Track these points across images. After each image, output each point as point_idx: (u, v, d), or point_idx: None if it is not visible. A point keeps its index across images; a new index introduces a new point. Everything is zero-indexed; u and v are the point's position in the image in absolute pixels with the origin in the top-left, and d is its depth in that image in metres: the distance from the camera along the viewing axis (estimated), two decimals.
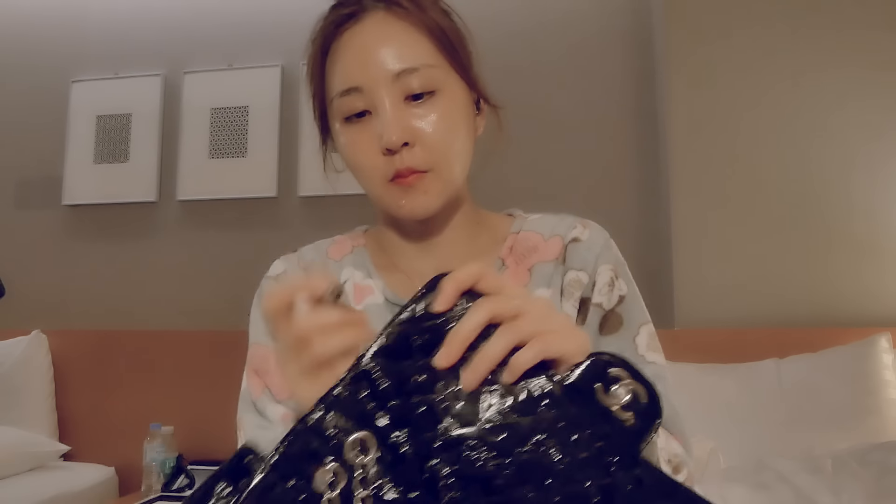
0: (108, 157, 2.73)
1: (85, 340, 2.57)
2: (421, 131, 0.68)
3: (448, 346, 0.45)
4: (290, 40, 2.61)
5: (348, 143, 0.71)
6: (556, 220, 0.79)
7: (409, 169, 0.68)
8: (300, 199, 2.61)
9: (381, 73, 0.68)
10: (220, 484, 0.42)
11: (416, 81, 0.68)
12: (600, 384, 0.44)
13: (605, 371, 0.45)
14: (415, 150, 0.68)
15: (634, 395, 0.44)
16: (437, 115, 0.69)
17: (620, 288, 0.75)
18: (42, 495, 2.00)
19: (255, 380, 0.77)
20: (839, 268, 2.16)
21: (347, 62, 0.69)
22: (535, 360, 0.44)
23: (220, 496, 0.42)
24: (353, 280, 0.79)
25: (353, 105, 0.69)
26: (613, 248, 0.77)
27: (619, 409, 0.44)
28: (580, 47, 2.51)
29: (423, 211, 0.70)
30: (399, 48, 0.68)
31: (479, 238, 0.79)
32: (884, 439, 1.65)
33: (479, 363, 0.44)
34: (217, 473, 0.43)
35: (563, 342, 0.45)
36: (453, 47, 0.71)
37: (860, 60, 2.23)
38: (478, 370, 0.44)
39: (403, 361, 0.45)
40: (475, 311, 0.45)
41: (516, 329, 0.45)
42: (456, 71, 0.72)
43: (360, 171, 0.71)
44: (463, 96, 0.73)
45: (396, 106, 0.68)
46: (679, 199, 2.27)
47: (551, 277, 0.75)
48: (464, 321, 0.45)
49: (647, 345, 0.74)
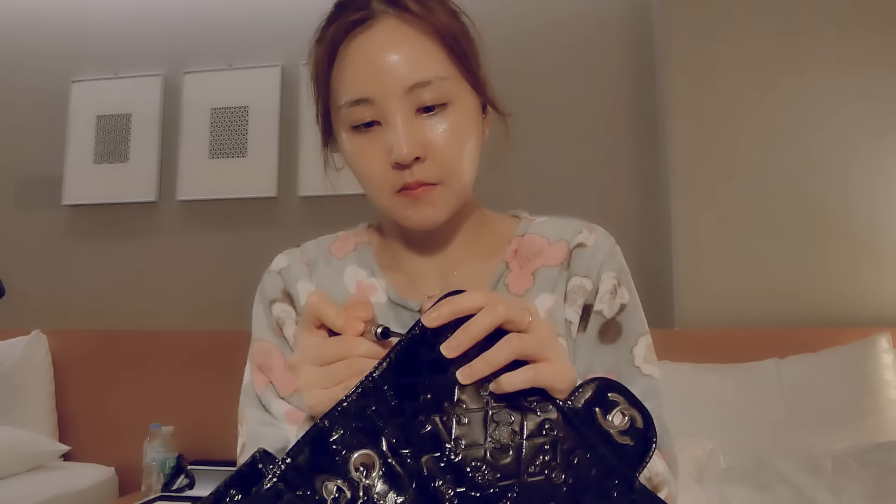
0: (108, 157, 2.73)
1: (85, 340, 2.57)
2: (432, 145, 0.67)
3: (457, 338, 0.45)
4: (290, 40, 2.61)
5: (355, 152, 0.70)
6: (561, 223, 0.78)
7: (418, 182, 0.67)
8: (300, 199, 2.61)
9: (392, 86, 0.66)
10: (233, 490, 0.43)
11: (429, 95, 0.66)
12: (600, 408, 0.46)
13: (604, 395, 0.46)
14: (426, 165, 0.67)
15: (632, 420, 0.45)
16: (449, 128, 0.68)
17: (622, 296, 0.74)
18: (42, 495, 2.00)
19: (259, 375, 0.77)
20: (839, 268, 2.16)
21: (357, 72, 0.67)
22: (523, 386, 0.46)
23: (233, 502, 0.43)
24: (357, 278, 0.79)
25: (362, 115, 0.67)
26: (618, 255, 0.76)
27: (618, 433, 0.45)
28: (580, 47, 2.50)
29: (430, 223, 0.70)
30: (412, 59, 0.66)
31: (483, 240, 0.79)
32: (884, 439, 1.65)
33: (480, 364, 0.45)
34: (231, 479, 0.43)
35: (555, 376, 0.47)
36: (464, 53, 0.70)
37: (860, 61, 2.23)
38: (477, 370, 0.45)
39: (411, 378, 0.45)
40: (491, 312, 0.46)
41: (522, 343, 0.46)
42: (466, 79, 0.70)
43: (367, 180, 0.70)
44: (473, 105, 0.72)
45: (408, 120, 0.66)
46: (679, 198, 2.27)
47: (555, 283, 0.74)
48: (479, 318, 0.46)
49: (644, 357, 0.73)
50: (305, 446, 0.43)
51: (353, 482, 0.42)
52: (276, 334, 0.78)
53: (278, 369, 0.76)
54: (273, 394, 0.76)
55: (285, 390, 0.76)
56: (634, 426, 0.45)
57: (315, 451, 0.43)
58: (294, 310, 0.78)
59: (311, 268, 0.80)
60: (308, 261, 0.80)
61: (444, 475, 0.42)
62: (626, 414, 0.45)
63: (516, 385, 0.45)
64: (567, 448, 0.44)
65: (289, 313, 0.77)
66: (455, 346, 0.45)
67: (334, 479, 0.42)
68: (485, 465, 0.43)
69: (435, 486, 0.42)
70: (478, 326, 0.46)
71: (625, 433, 0.45)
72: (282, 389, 0.76)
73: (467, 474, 0.42)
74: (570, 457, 0.43)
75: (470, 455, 0.43)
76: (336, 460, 0.43)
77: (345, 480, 0.42)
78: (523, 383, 0.45)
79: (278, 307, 0.78)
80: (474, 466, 0.43)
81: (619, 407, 0.46)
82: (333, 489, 0.42)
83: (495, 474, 0.43)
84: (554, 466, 0.43)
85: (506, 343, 0.46)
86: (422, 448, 0.43)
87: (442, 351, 0.45)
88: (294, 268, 0.80)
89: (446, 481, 0.42)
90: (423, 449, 0.43)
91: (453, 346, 0.45)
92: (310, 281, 0.79)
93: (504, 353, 0.45)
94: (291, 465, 0.42)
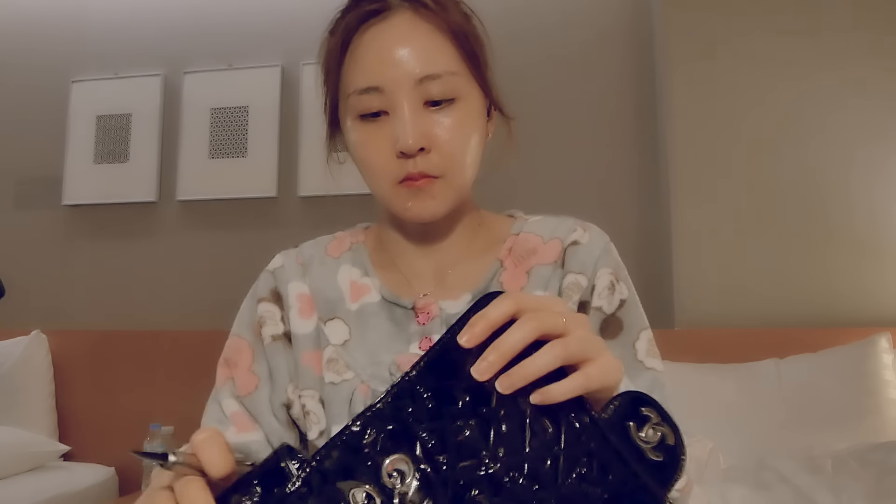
0: (108, 157, 2.73)
1: (85, 340, 2.57)
2: (437, 138, 0.68)
3: (487, 360, 0.42)
4: (290, 40, 2.61)
5: (360, 140, 0.71)
6: (556, 222, 0.79)
7: (421, 173, 0.68)
8: (300, 199, 2.61)
9: (403, 76, 0.67)
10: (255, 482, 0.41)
11: (438, 88, 0.68)
12: (633, 423, 0.44)
13: (637, 409, 0.45)
14: (430, 156, 0.68)
15: (662, 437, 0.44)
16: (455, 123, 0.69)
17: (621, 292, 0.74)
18: (42, 495, 2.00)
19: (223, 369, 0.79)
20: (839, 268, 2.16)
21: (369, 61, 0.68)
22: (574, 395, 0.42)
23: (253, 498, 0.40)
24: (351, 278, 0.79)
25: (370, 104, 0.68)
26: (613, 252, 0.76)
27: (650, 450, 0.44)
28: (580, 48, 2.50)
29: (429, 215, 0.70)
30: (424, 52, 0.68)
31: (479, 239, 0.79)
32: (884, 439, 1.65)
33: (522, 372, 0.42)
34: (254, 472, 0.40)
35: (603, 376, 0.44)
36: (474, 53, 0.71)
37: (860, 61, 2.23)
38: (517, 379, 0.42)
39: (449, 381, 0.43)
40: (524, 327, 0.43)
41: (566, 350, 0.43)
42: (474, 78, 0.71)
43: (370, 169, 0.71)
44: (479, 104, 0.72)
45: (415, 111, 0.67)
46: (679, 198, 2.27)
47: (549, 280, 0.75)
48: (511, 334, 0.43)
49: (647, 350, 0.74)
50: (334, 449, 0.41)
51: (385, 488, 0.40)
52: (254, 333, 0.79)
53: (243, 368, 0.78)
54: (229, 391, 0.77)
55: (244, 390, 0.77)
56: (665, 443, 0.44)
57: (345, 455, 0.40)
58: (280, 310, 0.78)
59: (305, 268, 0.80)
60: (303, 261, 0.81)
61: (480, 484, 0.41)
62: (657, 430, 0.44)
63: (567, 395, 0.42)
64: (603, 461, 0.42)
65: (272, 313, 0.78)
66: (486, 370, 0.42)
67: (364, 485, 0.40)
68: (522, 476, 0.41)
69: (471, 495, 0.41)
70: (509, 345, 0.42)
71: (657, 449, 0.44)
72: (241, 388, 0.77)
73: (505, 484, 0.41)
74: (606, 470, 0.42)
75: (508, 464, 0.41)
76: (368, 465, 0.40)
77: (376, 486, 0.40)
78: (573, 391, 0.42)
79: (263, 306, 0.79)
80: (512, 477, 0.41)
81: (652, 422, 0.44)
82: (363, 497, 0.39)
83: (533, 485, 0.41)
84: (590, 479, 0.42)
85: (548, 351, 0.42)
86: (459, 455, 0.41)
87: (473, 374, 0.42)
88: (288, 268, 0.80)
89: (483, 490, 0.41)
90: (460, 456, 0.41)
91: (484, 370, 0.42)
92: (302, 281, 0.79)
93: (546, 362, 0.42)
94: (317, 468, 0.40)
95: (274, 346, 0.77)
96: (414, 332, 0.74)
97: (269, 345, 0.77)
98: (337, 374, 0.73)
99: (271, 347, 0.77)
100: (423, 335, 0.73)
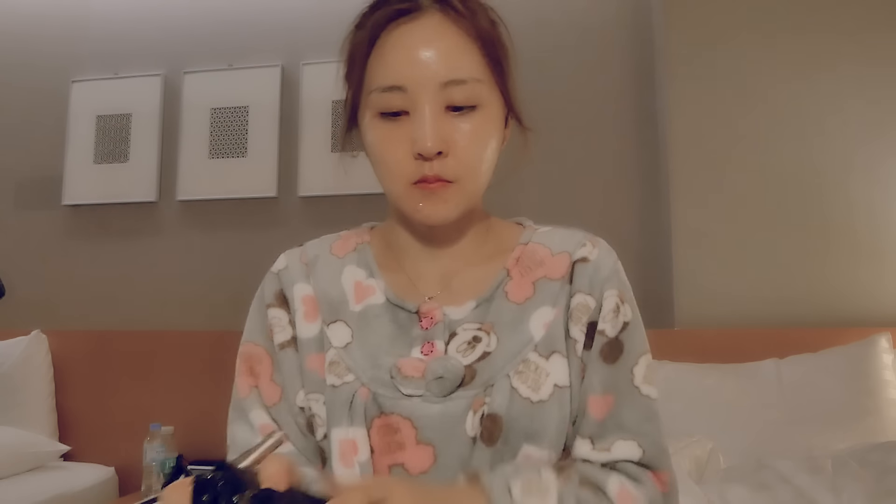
0: (108, 157, 2.73)
1: (85, 340, 2.57)
2: (456, 144, 0.68)
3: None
4: (290, 40, 2.61)
5: (378, 138, 0.70)
6: (565, 234, 0.79)
7: (436, 176, 0.68)
8: (300, 199, 2.60)
9: (428, 78, 0.67)
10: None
11: (461, 94, 0.68)
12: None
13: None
14: (447, 161, 0.68)
15: None
16: (474, 130, 0.69)
17: (625, 314, 0.74)
18: (42, 495, 2.00)
19: (245, 378, 0.77)
20: (839, 268, 2.16)
21: (396, 59, 0.69)
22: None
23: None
24: (355, 278, 0.78)
25: (392, 103, 0.68)
26: (621, 272, 0.76)
27: None
28: (579, 48, 2.50)
29: (439, 218, 0.70)
30: (450, 56, 0.68)
31: (487, 245, 0.79)
32: (884, 439, 1.65)
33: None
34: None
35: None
36: (499, 61, 0.71)
37: (860, 60, 2.23)
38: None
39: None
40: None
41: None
42: (497, 86, 0.72)
43: (386, 168, 0.71)
44: (499, 113, 0.73)
45: (436, 114, 0.67)
46: (679, 198, 2.27)
47: (557, 297, 0.74)
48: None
49: (644, 377, 0.73)
50: None
51: None
52: (268, 338, 0.77)
53: (265, 378, 0.76)
54: (255, 400, 0.75)
55: (269, 401, 0.75)
56: None
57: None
58: (287, 313, 0.78)
59: (309, 267, 0.79)
60: (307, 260, 0.80)
61: None
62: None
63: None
64: None
65: (279, 319, 0.77)
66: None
67: None
68: None
69: None
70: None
71: None
72: (267, 397, 0.76)
73: None
74: None
75: None
76: None
77: None
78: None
79: (272, 312, 0.78)
80: None
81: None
82: None
83: None
84: None
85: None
86: None
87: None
88: (292, 269, 0.79)
89: None
90: None
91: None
92: (307, 282, 0.78)
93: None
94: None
95: (283, 353, 0.76)
96: (416, 336, 0.73)
97: (279, 353, 0.77)
98: (338, 376, 0.72)
99: (281, 355, 0.76)
100: (426, 340, 0.73)
